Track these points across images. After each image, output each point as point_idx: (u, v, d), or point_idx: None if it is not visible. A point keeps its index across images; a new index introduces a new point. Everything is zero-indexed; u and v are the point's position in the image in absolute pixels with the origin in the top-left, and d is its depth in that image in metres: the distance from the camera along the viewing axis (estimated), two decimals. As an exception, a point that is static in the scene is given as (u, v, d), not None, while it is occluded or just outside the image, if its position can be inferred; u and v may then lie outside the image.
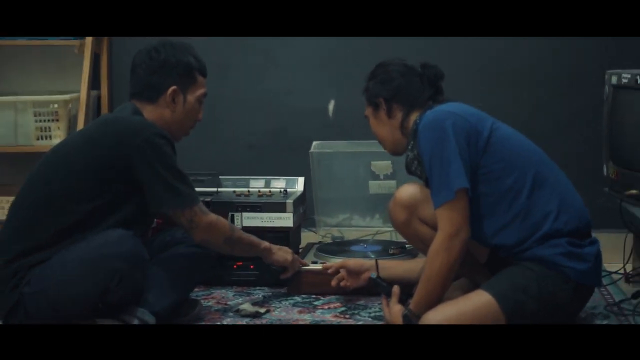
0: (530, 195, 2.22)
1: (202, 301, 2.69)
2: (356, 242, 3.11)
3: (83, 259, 2.18)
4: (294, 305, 2.70)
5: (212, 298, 2.79)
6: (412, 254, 2.91)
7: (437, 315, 2.15)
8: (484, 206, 2.23)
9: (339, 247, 3.05)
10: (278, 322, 2.51)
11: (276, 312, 2.62)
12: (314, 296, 2.79)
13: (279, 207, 2.90)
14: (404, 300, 2.41)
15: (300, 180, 3.13)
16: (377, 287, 2.53)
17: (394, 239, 3.21)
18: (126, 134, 2.32)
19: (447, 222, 2.18)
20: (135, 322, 2.27)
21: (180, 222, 2.39)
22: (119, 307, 2.29)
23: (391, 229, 3.19)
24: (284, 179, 3.12)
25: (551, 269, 2.19)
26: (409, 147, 2.36)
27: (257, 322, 2.51)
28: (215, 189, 3.06)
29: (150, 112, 2.44)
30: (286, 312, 2.62)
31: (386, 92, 2.37)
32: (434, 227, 2.36)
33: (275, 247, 2.67)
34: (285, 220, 2.90)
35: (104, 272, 2.18)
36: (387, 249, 2.95)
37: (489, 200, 2.23)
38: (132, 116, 2.41)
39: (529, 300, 2.16)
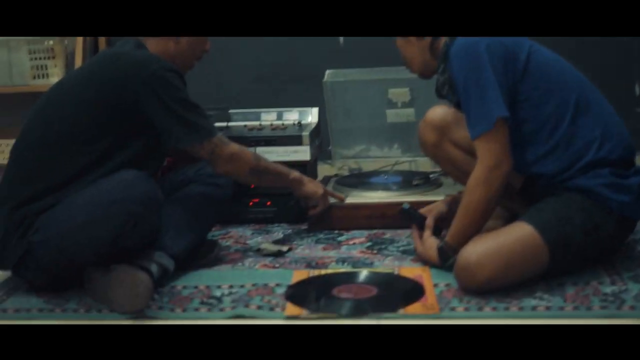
0: (573, 122, 2.07)
1: (220, 241, 2.57)
2: (375, 173, 2.97)
3: (95, 203, 2.03)
4: (317, 242, 2.57)
5: (230, 237, 2.66)
6: (436, 184, 2.77)
7: (477, 247, 2.01)
8: (524, 134, 2.08)
9: (358, 179, 2.91)
10: (302, 260, 2.37)
11: (299, 250, 2.49)
12: (336, 231, 2.66)
13: (295, 140, 2.75)
14: (437, 233, 2.28)
15: (314, 110, 2.97)
16: (410, 219, 2.38)
17: (413, 169, 3.07)
18: (131, 69, 2.15)
19: (487, 153, 2.03)
20: (154, 267, 2.13)
21: (200, 156, 2.25)
22: (135, 252, 2.15)
23: (410, 158, 3.07)
24: (296, 110, 2.97)
25: (594, 200, 2.05)
26: (439, 70, 2.20)
27: (280, 260, 2.38)
28: (225, 124, 2.90)
29: (153, 45, 2.28)
30: (309, 250, 2.48)
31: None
32: (466, 151, 2.23)
33: (306, 178, 2.54)
34: (302, 153, 2.75)
35: (118, 216, 2.03)
36: (408, 180, 2.81)
37: (529, 128, 2.08)
38: (135, 50, 2.24)
39: (574, 232, 2.03)
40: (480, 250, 2.00)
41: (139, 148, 2.19)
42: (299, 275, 2.23)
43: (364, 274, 2.21)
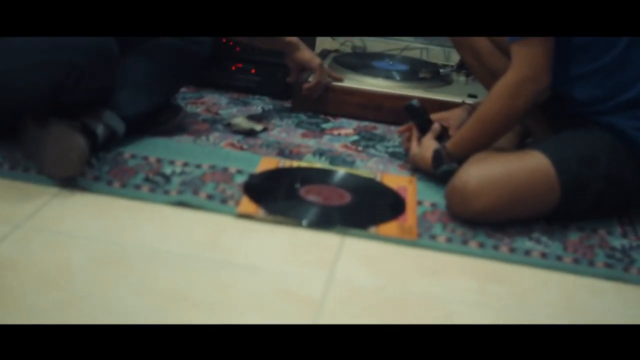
0: (627, 49, 1.71)
1: (188, 107, 2.25)
2: (380, 56, 2.62)
3: (35, 46, 1.69)
4: (298, 125, 2.24)
5: (202, 103, 2.34)
6: (446, 81, 2.43)
7: (481, 171, 1.69)
8: (569, 45, 1.72)
9: (360, 60, 2.56)
10: (275, 144, 2.06)
11: (274, 132, 2.17)
12: (323, 116, 2.34)
13: None
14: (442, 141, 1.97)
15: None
16: (415, 118, 2.03)
17: (423, 57, 2.72)
18: None
19: (525, 61, 1.69)
20: (100, 129, 1.82)
21: None
22: (82, 108, 1.84)
23: (423, 45, 2.71)
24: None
25: (624, 144, 1.72)
26: None
27: (250, 141, 2.06)
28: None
29: None
30: (287, 134, 2.16)
31: None
32: (498, 44, 1.89)
33: (302, 44, 2.22)
34: None
35: (56, 65, 1.70)
36: (415, 70, 2.46)
37: (575, 42, 1.73)
38: None
39: (594, 177, 1.71)
40: (484, 175, 1.68)
41: None
42: (267, 163, 1.93)
43: (339, 174, 1.90)
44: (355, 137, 2.19)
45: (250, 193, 1.75)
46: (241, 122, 2.15)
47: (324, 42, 2.71)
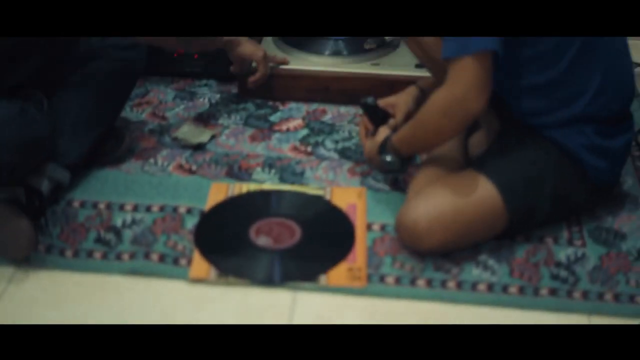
0: (570, 67, 1.67)
1: (132, 110, 2.23)
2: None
3: None
4: (247, 123, 2.22)
5: (147, 104, 2.30)
6: (392, 46, 2.38)
7: (429, 209, 1.68)
8: (515, 58, 1.68)
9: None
10: (224, 158, 2.06)
11: (222, 139, 2.15)
12: (271, 103, 2.31)
13: None
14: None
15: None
16: (372, 115, 1.99)
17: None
18: None
19: (457, 82, 1.62)
20: (45, 185, 1.82)
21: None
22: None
23: None
24: None
25: (569, 159, 1.73)
26: None
27: (199, 158, 2.06)
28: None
29: None
30: (235, 139, 2.15)
31: None
32: None
33: (243, 38, 2.15)
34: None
35: None
36: (360, 42, 2.38)
37: (523, 54, 1.68)
38: None
39: (539, 199, 1.72)
40: (433, 213, 1.69)
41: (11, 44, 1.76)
42: (216, 192, 1.94)
43: (288, 199, 1.92)
44: (305, 132, 2.18)
45: (201, 246, 1.77)
46: (188, 133, 2.13)
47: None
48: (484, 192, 1.71)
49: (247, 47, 2.16)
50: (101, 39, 2.01)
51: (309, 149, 2.11)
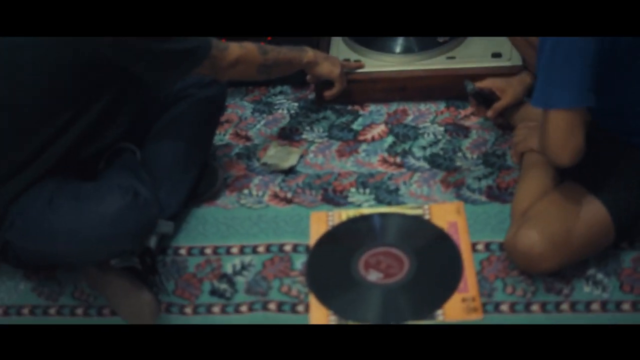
0: None
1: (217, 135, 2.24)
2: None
3: (77, 233, 1.69)
4: (330, 135, 2.22)
5: (227, 123, 2.31)
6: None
7: (544, 236, 1.70)
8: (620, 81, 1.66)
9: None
10: (316, 181, 2.08)
11: (310, 157, 2.17)
12: (350, 107, 2.31)
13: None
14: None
15: None
16: (479, 100, 2.11)
17: None
18: None
19: (547, 134, 1.62)
20: (153, 241, 1.85)
21: (201, 73, 1.92)
22: None
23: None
24: None
25: None
26: None
27: (292, 184, 2.08)
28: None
29: None
30: (323, 156, 2.17)
31: None
32: None
33: (320, 57, 2.16)
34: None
35: (105, 251, 1.72)
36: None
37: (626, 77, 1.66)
38: None
39: None
40: (546, 239, 1.70)
41: (105, 108, 1.78)
42: (317, 223, 1.96)
43: (390, 227, 1.94)
44: (390, 140, 2.18)
45: (315, 290, 1.82)
46: (276, 156, 2.14)
47: None
48: (593, 211, 1.73)
49: (324, 66, 2.15)
50: (182, 80, 2.01)
51: (398, 159, 2.12)
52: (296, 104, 2.35)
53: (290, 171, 2.12)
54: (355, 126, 2.25)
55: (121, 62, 1.72)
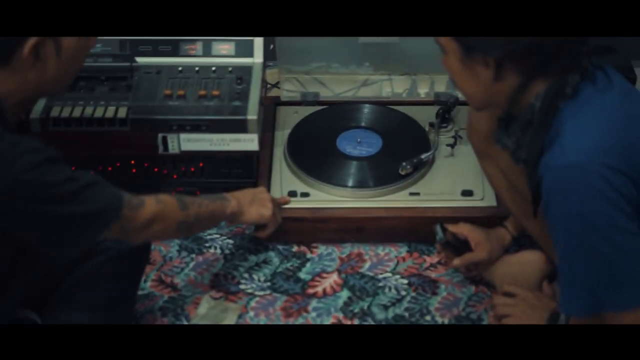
0: None
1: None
2: (341, 116, 2.16)
3: None
4: (274, 289, 1.86)
5: (150, 264, 1.91)
6: (429, 163, 2.03)
7: None
8: None
9: (316, 142, 2.08)
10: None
11: (251, 317, 1.80)
12: (296, 249, 1.96)
13: (236, 126, 1.90)
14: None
15: (258, 43, 2.05)
16: (454, 250, 1.84)
17: (388, 92, 2.26)
18: None
19: None
20: None
21: (109, 239, 1.55)
22: None
23: (385, 77, 2.27)
24: (231, 40, 2.04)
25: None
26: (520, 126, 1.40)
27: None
28: (128, 65, 1.98)
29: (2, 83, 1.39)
30: (266, 315, 1.80)
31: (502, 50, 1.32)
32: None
33: (245, 202, 1.79)
34: (247, 142, 1.92)
35: None
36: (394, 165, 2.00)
37: None
38: None
39: None
40: None
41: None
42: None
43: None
44: (344, 295, 1.84)
45: None
46: (208, 316, 1.78)
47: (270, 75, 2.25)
48: None
49: (252, 213, 1.81)
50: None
51: (355, 321, 1.78)
52: (231, 241, 1.99)
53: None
54: (302, 274, 1.90)
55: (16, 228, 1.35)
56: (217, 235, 2.00)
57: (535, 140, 1.35)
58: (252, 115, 1.88)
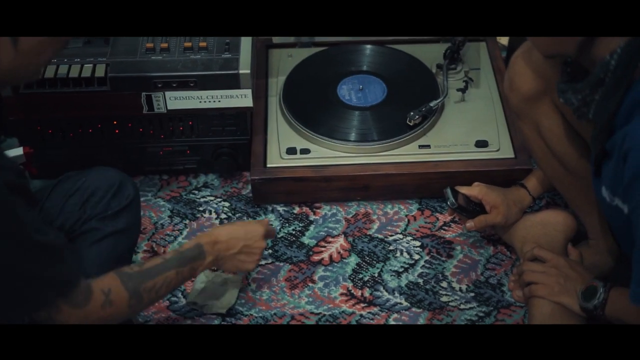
0: None
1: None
2: (339, 66, 1.98)
3: None
4: (277, 257, 1.72)
5: (141, 233, 1.76)
6: (437, 112, 1.86)
7: None
8: None
9: (313, 88, 1.92)
10: (262, 323, 1.60)
11: (253, 292, 1.66)
12: (298, 210, 1.81)
13: (227, 81, 1.72)
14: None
15: None
16: (463, 212, 1.67)
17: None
18: None
19: None
20: None
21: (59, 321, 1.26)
22: None
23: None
24: None
25: None
26: (589, 83, 1.22)
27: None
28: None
29: None
30: (269, 288, 1.66)
31: None
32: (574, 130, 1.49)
33: (227, 252, 1.51)
34: (240, 99, 1.75)
35: None
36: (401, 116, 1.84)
37: None
38: None
39: None
40: None
41: None
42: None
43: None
44: (353, 262, 1.71)
45: None
46: (207, 291, 1.63)
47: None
48: None
49: (229, 268, 1.55)
50: (81, 211, 1.46)
51: (367, 292, 1.65)
52: (227, 204, 1.83)
53: (229, 312, 1.62)
54: (306, 239, 1.76)
55: None
56: (212, 198, 1.85)
57: (607, 102, 1.19)
58: (244, 68, 1.70)
